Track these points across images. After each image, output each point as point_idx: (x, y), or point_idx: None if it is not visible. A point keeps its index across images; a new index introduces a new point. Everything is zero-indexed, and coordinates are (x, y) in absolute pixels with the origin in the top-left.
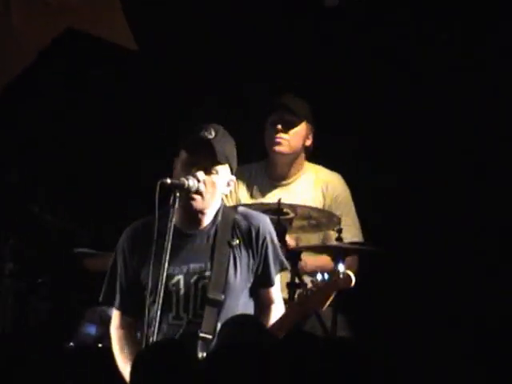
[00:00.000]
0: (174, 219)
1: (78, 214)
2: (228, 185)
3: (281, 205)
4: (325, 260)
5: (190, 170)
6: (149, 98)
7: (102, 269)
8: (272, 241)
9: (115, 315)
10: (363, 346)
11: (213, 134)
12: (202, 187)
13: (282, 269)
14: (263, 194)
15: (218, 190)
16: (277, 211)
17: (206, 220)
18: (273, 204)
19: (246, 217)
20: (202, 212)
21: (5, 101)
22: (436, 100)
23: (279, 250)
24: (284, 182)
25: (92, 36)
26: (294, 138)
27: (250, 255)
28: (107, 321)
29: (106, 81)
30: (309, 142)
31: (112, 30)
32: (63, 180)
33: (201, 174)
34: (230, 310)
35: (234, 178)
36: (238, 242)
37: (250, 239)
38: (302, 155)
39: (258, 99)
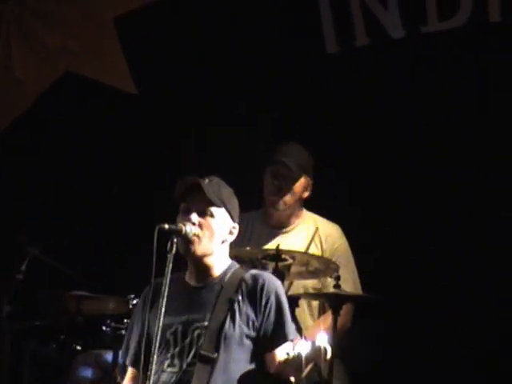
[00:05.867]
0: (171, 264)
1: (77, 258)
2: (230, 232)
3: (279, 251)
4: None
5: (186, 217)
6: (150, 144)
7: (98, 312)
8: (278, 304)
9: (128, 371)
10: None
11: (206, 180)
12: (197, 229)
13: (287, 339)
14: (262, 242)
15: (216, 233)
16: (275, 257)
17: (213, 273)
18: (271, 250)
19: (255, 275)
20: (202, 258)
21: (5, 143)
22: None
23: (287, 318)
24: (283, 230)
25: (91, 79)
26: (290, 194)
27: (253, 311)
28: (102, 364)
29: (106, 124)
30: (306, 194)
31: (111, 73)
32: (63, 222)
33: (194, 216)
34: (223, 365)
35: (236, 225)
36: (240, 297)
37: (255, 296)
38: (299, 205)
39: (257, 145)
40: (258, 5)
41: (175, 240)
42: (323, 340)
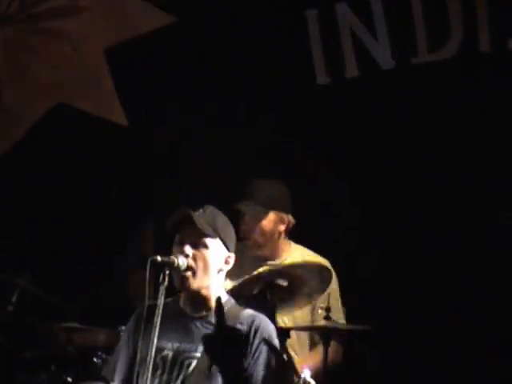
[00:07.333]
0: (163, 296)
1: (66, 289)
2: (226, 262)
3: (270, 271)
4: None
5: (181, 249)
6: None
7: (89, 343)
8: (269, 349)
9: None
10: None
11: (200, 210)
12: (190, 262)
13: None
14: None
15: (211, 265)
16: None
17: (209, 305)
18: (262, 273)
19: (251, 316)
20: (198, 292)
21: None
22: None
23: (274, 364)
24: (271, 262)
25: (82, 111)
26: (257, 233)
27: (244, 351)
28: None
29: (97, 155)
30: (283, 228)
31: (101, 105)
32: (52, 255)
33: (188, 248)
34: None
35: (232, 254)
36: None
37: (248, 336)
38: (282, 238)
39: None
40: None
41: (167, 272)
42: (307, 375)
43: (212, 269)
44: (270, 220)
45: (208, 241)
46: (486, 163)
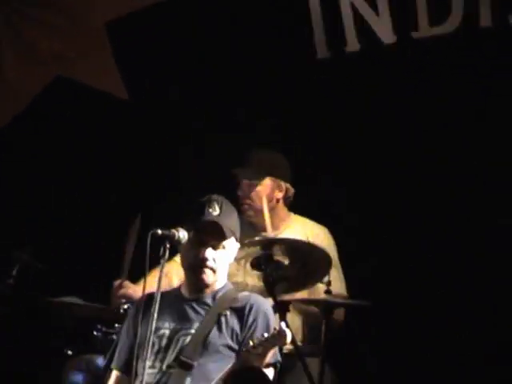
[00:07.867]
0: (164, 269)
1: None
2: (234, 252)
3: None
4: None
5: (198, 249)
6: (149, 150)
7: (90, 317)
8: (266, 326)
9: (113, 375)
10: None
11: (217, 209)
12: (212, 264)
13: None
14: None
15: (226, 263)
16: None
17: (209, 290)
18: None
19: (246, 296)
20: (209, 285)
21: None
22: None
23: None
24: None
25: (82, 84)
26: (256, 198)
27: (239, 326)
28: (93, 369)
29: (104, 131)
30: (280, 195)
31: (102, 78)
32: (62, 230)
33: (210, 252)
34: (202, 372)
35: (238, 244)
36: (229, 312)
37: (243, 313)
38: (280, 207)
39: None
40: (256, 13)
41: (168, 245)
42: (282, 324)
43: (227, 265)
44: (265, 185)
45: (226, 242)
46: (486, 147)
